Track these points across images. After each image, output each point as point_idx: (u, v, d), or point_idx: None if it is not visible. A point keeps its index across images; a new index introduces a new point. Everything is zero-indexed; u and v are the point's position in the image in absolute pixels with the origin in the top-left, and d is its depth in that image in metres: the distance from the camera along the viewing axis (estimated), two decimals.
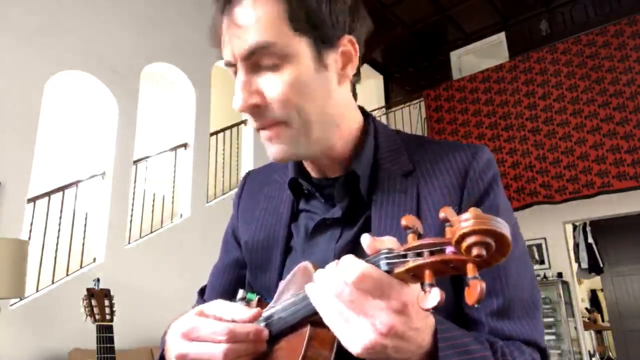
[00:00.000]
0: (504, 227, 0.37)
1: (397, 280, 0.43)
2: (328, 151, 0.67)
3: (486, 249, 0.37)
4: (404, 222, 0.43)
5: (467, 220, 0.37)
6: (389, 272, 0.43)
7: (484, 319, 0.61)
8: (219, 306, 0.59)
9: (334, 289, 0.44)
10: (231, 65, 0.63)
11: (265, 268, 0.72)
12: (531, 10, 7.43)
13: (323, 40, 0.62)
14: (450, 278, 0.60)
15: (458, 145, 0.69)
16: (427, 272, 0.40)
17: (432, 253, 0.41)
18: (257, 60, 0.60)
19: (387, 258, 0.43)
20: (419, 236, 0.43)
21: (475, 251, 0.37)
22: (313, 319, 0.50)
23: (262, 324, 0.57)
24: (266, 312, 0.58)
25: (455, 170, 0.65)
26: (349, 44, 0.64)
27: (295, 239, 0.71)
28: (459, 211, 0.63)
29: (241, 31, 0.59)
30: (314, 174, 0.72)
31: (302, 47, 0.60)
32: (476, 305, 0.38)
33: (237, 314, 0.56)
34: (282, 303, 0.57)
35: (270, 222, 0.74)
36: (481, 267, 0.39)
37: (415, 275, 0.42)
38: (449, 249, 0.40)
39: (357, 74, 0.69)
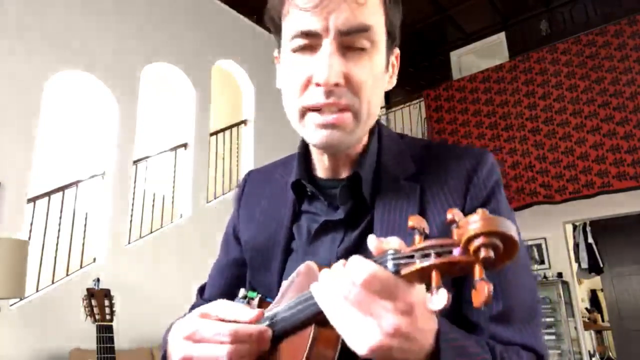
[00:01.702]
0: (512, 229, 0.37)
1: (403, 281, 0.43)
2: (352, 150, 0.68)
3: (494, 250, 0.37)
4: (410, 222, 0.43)
5: (475, 222, 0.37)
6: (395, 273, 0.43)
7: (484, 323, 0.61)
8: (221, 307, 0.58)
9: (342, 289, 0.44)
10: (309, 36, 0.60)
11: (265, 268, 0.72)
12: (531, 10, 7.44)
13: (390, 45, 0.66)
14: (451, 281, 0.60)
15: (462, 149, 0.69)
16: (434, 274, 0.40)
17: (438, 254, 0.40)
18: (353, 39, 0.60)
19: (393, 259, 0.43)
20: (426, 237, 0.43)
21: (483, 253, 0.37)
22: (317, 319, 0.50)
23: (266, 324, 0.57)
24: (269, 312, 0.58)
25: (459, 175, 0.66)
26: (395, 57, 0.70)
27: (296, 240, 0.71)
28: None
29: (355, 6, 0.59)
30: (323, 173, 0.71)
31: (383, 43, 0.64)
32: (482, 308, 0.38)
33: (239, 314, 0.56)
34: (285, 303, 0.56)
35: (272, 222, 0.74)
36: (488, 268, 0.39)
37: (422, 276, 0.42)
38: (456, 251, 0.40)
39: None
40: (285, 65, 0.65)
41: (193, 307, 0.85)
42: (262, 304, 0.65)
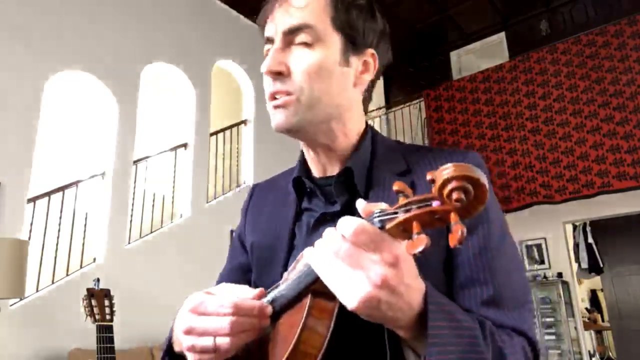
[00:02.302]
0: (480, 174, 0.41)
1: (389, 236, 0.47)
2: (330, 142, 0.73)
3: (465, 193, 0.41)
4: (395, 187, 0.47)
5: (447, 169, 0.41)
6: (381, 228, 0.47)
7: (475, 308, 0.62)
8: (225, 286, 0.63)
9: (332, 246, 0.48)
10: (270, 41, 0.73)
11: (269, 267, 0.75)
12: (531, 10, 7.44)
13: (352, 43, 0.73)
14: (443, 268, 0.64)
15: (451, 150, 0.75)
16: (415, 224, 0.44)
17: (419, 208, 0.44)
18: (294, 37, 0.70)
19: (379, 216, 0.47)
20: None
21: (454, 195, 0.41)
22: (313, 289, 0.52)
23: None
24: (270, 294, 0.61)
25: None
26: (371, 57, 0.75)
27: (297, 237, 0.75)
28: None
29: (292, 9, 0.70)
30: (316, 172, 0.77)
31: (334, 40, 0.71)
32: (458, 245, 0.41)
33: (242, 292, 0.60)
34: (284, 284, 0.59)
35: (276, 223, 0.78)
36: (463, 215, 0.43)
37: (405, 229, 0.46)
38: (435, 203, 0.43)
39: (370, 93, 0.79)
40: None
41: None
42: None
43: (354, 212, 0.67)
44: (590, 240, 6.90)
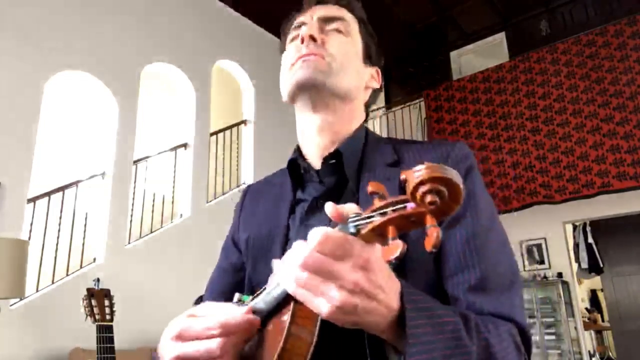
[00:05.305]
0: (454, 175, 0.39)
1: (359, 240, 0.45)
2: (336, 119, 0.77)
3: (439, 196, 0.39)
4: (370, 188, 0.46)
5: (419, 171, 0.40)
6: (356, 234, 0.45)
7: (462, 295, 0.62)
8: (209, 307, 0.59)
9: (298, 260, 0.46)
10: (300, 25, 0.80)
11: (265, 260, 0.73)
12: (531, 10, 7.44)
13: (368, 57, 0.84)
14: (432, 258, 0.64)
15: (440, 141, 0.78)
16: (391, 228, 0.43)
17: (394, 211, 0.43)
18: (329, 24, 0.79)
19: (354, 221, 0.46)
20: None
21: (428, 198, 0.39)
22: (293, 297, 0.51)
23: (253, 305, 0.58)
24: (259, 297, 0.59)
25: (435, 160, 0.68)
26: (376, 73, 0.86)
27: (292, 229, 0.74)
28: None
29: (330, 7, 0.82)
30: (314, 157, 0.79)
31: (359, 42, 0.82)
32: (433, 250, 0.40)
33: (227, 311, 0.56)
34: (269, 285, 0.58)
35: (271, 217, 0.78)
36: (439, 216, 0.41)
37: (381, 234, 0.44)
38: (409, 205, 0.42)
39: (371, 103, 0.86)
40: (284, 55, 0.82)
41: None
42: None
43: (342, 194, 0.72)
44: (590, 240, 6.89)
